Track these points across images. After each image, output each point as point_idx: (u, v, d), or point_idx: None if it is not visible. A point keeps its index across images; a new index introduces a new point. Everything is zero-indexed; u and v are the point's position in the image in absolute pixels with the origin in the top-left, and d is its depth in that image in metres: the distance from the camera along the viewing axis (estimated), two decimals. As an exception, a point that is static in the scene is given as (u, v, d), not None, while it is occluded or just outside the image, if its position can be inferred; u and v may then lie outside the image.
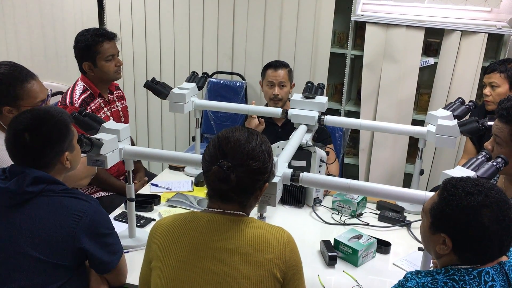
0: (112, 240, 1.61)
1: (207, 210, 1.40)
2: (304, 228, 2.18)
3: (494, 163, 1.60)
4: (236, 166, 1.29)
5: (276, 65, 2.83)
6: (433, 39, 3.28)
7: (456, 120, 2.16)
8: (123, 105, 2.81)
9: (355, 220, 2.23)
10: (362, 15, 3.28)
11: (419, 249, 1.99)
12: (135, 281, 1.52)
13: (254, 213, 1.53)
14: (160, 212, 2.23)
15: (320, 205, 2.34)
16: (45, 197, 1.51)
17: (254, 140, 1.34)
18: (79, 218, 1.50)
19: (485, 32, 3.05)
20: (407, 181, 3.47)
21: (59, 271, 1.52)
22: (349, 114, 3.58)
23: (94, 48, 2.52)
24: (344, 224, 2.20)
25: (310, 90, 2.38)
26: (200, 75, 2.66)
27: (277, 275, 1.31)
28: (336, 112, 3.55)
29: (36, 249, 1.48)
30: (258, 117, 2.74)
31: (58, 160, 1.57)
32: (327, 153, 2.30)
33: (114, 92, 2.75)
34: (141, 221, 2.15)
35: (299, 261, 1.39)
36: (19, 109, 1.88)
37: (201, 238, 1.33)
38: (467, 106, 2.27)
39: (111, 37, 2.58)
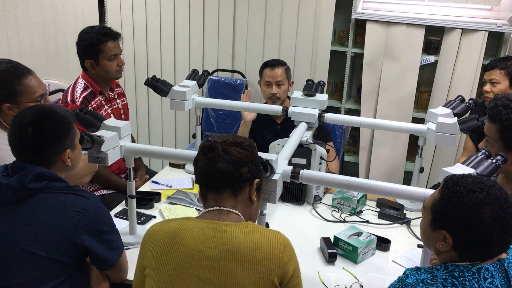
0: (113, 237, 1.61)
1: (203, 213, 1.40)
2: (304, 225, 2.19)
3: (494, 161, 1.61)
4: (223, 142, 1.40)
5: (273, 64, 2.81)
6: (434, 37, 3.28)
7: (456, 118, 2.16)
8: (124, 102, 2.82)
9: (355, 218, 2.23)
10: (363, 13, 3.28)
11: (419, 246, 2.00)
12: (132, 277, 1.50)
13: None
14: (161, 209, 2.24)
15: (320, 202, 2.35)
16: (47, 193, 1.52)
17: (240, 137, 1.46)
18: (80, 215, 1.50)
19: (485, 30, 3.05)
20: (407, 179, 3.48)
21: (60, 268, 1.52)
22: (349, 112, 3.58)
23: (98, 47, 2.52)
24: (344, 221, 2.20)
25: (311, 88, 2.38)
26: (200, 72, 2.67)
27: (274, 281, 1.29)
28: (336, 110, 3.56)
29: (36, 245, 1.48)
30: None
31: (59, 157, 1.57)
32: (327, 151, 2.30)
33: (115, 90, 2.76)
34: (142, 218, 2.16)
35: (296, 266, 1.36)
36: (19, 106, 1.88)
37: (196, 245, 1.32)
38: (467, 104, 2.27)
39: (116, 36, 2.58)
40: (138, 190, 2.41)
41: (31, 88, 1.92)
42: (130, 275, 1.71)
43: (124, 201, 2.28)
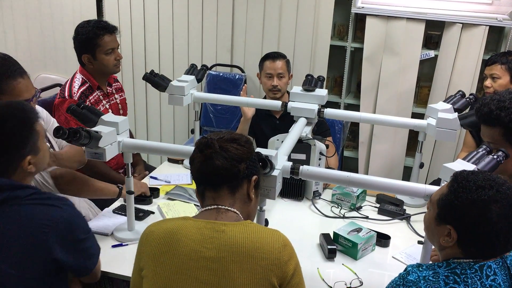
0: (88, 244, 1.53)
1: (200, 213, 1.38)
2: (303, 221, 2.18)
3: (495, 157, 1.59)
4: (219, 139, 1.38)
5: (274, 56, 2.81)
6: (434, 31, 3.26)
7: (456, 113, 2.15)
8: (122, 97, 2.80)
9: (354, 213, 2.23)
10: (363, 7, 3.26)
11: (419, 242, 1.98)
12: (129, 273, 1.46)
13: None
14: (159, 205, 2.23)
15: (320, 198, 2.34)
16: (10, 206, 1.40)
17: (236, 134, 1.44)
18: (50, 227, 1.39)
19: (486, 25, 3.04)
20: (406, 174, 3.47)
21: (32, 285, 1.42)
22: (348, 107, 3.56)
23: (94, 41, 2.49)
24: (344, 217, 2.19)
25: (310, 83, 2.37)
26: (199, 67, 2.65)
27: (273, 282, 1.27)
28: (335, 105, 3.54)
29: (5, 263, 1.38)
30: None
31: (18, 165, 1.45)
32: (327, 146, 2.29)
33: (113, 85, 2.74)
34: (140, 214, 2.14)
35: (297, 264, 1.34)
36: None
37: (194, 245, 1.29)
38: (468, 99, 2.26)
39: (112, 30, 2.55)
40: (136, 185, 2.40)
41: (15, 91, 1.80)
42: (126, 271, 1.69)
43: (122, 197, 2.27)
